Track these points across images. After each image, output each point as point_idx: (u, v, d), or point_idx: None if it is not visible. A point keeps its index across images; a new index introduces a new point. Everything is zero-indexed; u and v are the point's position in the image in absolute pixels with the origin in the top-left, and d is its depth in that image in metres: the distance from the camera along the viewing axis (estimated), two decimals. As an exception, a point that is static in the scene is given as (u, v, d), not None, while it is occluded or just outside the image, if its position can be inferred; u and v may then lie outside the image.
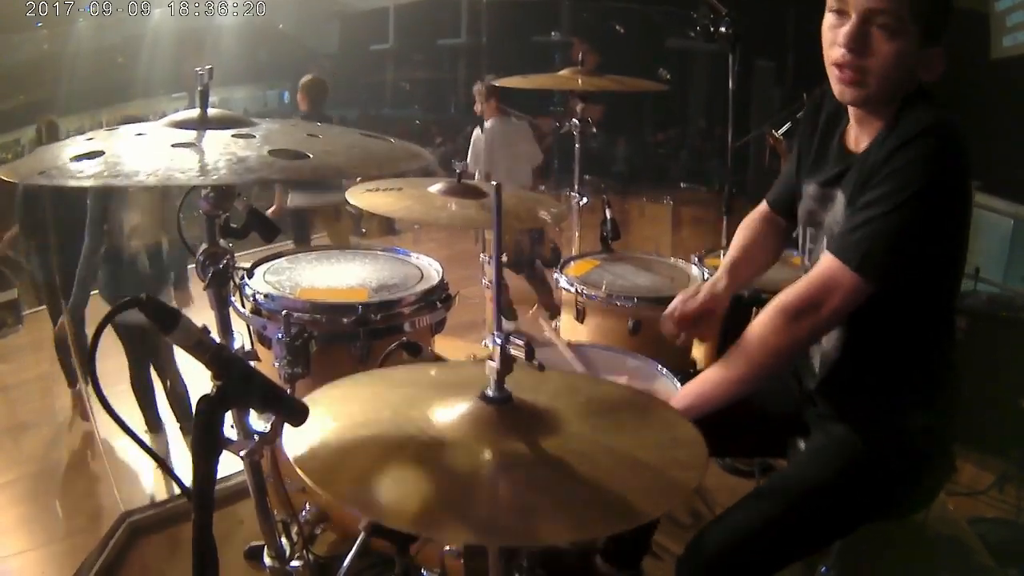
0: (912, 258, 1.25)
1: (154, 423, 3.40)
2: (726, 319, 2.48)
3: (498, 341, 0.99)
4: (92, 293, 3.34)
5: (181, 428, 3.37)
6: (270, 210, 4.58)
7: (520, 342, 0.99)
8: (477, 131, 4.15)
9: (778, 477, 1.47)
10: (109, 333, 0.90)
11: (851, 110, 1.37)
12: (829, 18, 1.29)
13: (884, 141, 1.27)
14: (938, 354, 1.42)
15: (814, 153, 1.49)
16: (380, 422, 1.01)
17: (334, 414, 1.04)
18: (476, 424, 0.99)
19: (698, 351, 2.59)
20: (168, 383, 3.42)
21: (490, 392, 1.01)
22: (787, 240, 1.68)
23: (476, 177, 3.31)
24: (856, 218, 1.26)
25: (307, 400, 1.00)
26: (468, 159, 4.00)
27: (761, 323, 1.31)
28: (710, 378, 1.36)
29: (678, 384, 1.66)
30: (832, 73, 1.30)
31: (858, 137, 1.38)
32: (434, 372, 1.26)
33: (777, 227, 1.69)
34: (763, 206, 1.71)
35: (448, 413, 1.02)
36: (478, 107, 4.21)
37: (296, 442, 0.95)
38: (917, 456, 1.38)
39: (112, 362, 3.55)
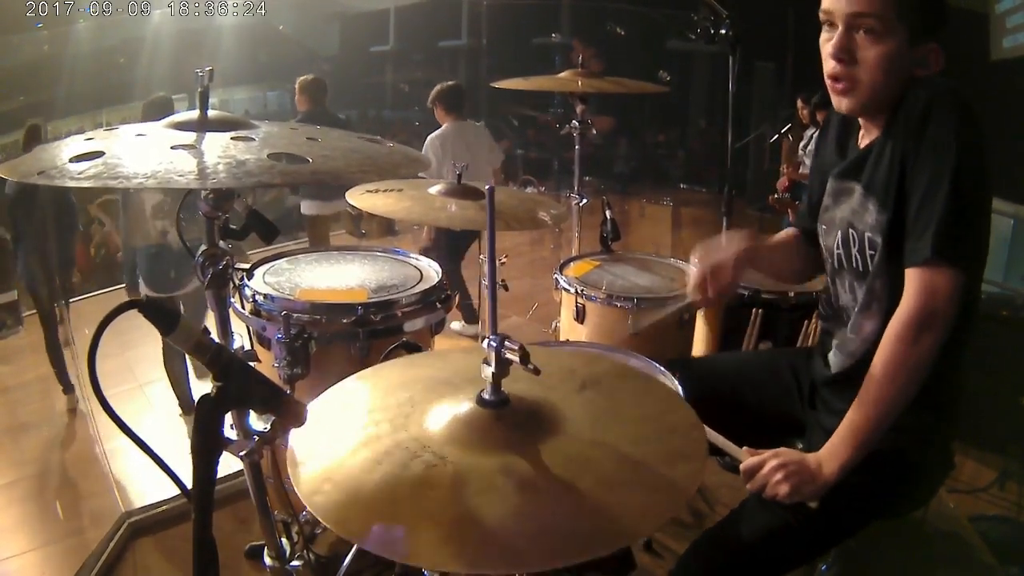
0: (977, 231, 1.24)
1: (189, 405, 3.41)
2: (726, 319, 2.49)
3: (493, 344, 0.97)
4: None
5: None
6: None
7: (515, 346, 0.97)
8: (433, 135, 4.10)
9: None
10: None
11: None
12: (823, 34, 1.31)
13: (891, 125, 1.28)
14: (952, 355, 1.37)
15: (835, 154, 1.49)
16: (380, 439, 0.98)
17: (334, 432, 1.02)
18: (475, 433, 0.97)
19: (698, 351, 2.59)
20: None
21: (487, 396, 0.99)
22: (815, 260, 1.60)
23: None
24: (919, 217, 1.22)
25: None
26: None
27: (885, 355, 1.25)
28: (857, 422, 1.27)
29: (677, 384, 1.67)
30: (829, 86, 1.32)
31: (868, 132, 1.39)
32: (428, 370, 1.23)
33: (804, 241, 1.65)
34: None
35: (446, 420, 0.99)
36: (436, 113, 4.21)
37: (303, 473, 0.94)
38: (917, 455, 1.38)
39: (112, 362, 3.57)
